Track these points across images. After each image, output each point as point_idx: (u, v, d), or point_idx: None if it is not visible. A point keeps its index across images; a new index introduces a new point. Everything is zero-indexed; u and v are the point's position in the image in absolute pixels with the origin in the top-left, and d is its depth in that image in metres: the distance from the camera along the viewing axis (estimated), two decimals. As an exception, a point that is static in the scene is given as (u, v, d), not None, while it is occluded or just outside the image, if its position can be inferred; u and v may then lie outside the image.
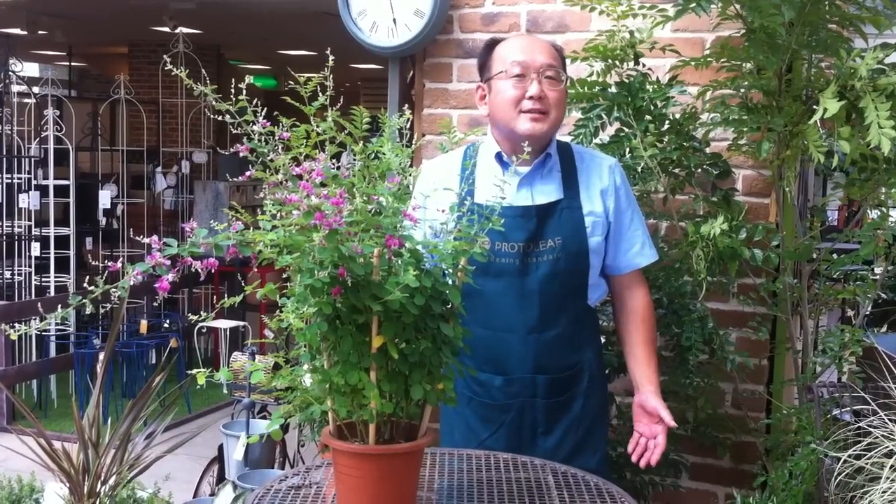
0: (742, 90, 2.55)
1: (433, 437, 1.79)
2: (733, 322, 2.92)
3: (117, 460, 2.72)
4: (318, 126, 1.85)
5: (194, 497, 3.64)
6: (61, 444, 2.58)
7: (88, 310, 1.54)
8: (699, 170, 2.66)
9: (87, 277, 1.72)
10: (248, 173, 1.72)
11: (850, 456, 2.09)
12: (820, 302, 2.84)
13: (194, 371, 1.81)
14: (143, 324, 6.41)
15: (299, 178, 1.58)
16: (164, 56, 1.69)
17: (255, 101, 1.69)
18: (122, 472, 2.71)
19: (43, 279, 6.51)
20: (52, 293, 6.38)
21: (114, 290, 1.54)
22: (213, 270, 1.56)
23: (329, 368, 1.71)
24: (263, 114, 1.68)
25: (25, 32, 8.98)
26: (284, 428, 3.96)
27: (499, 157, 2.29)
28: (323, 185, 1.62)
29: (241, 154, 1.72)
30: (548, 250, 2.22)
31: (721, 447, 2.87)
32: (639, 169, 2.64)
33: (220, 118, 1.76)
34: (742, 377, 2.84)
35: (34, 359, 6.38)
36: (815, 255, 2.73)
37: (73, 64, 11.97)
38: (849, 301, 3.71)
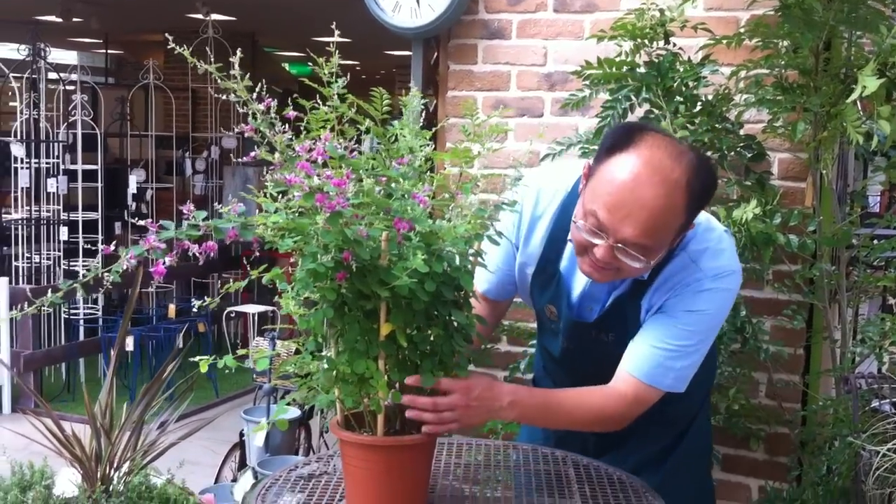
0: (777, 69, 2.44)
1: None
2: (767, 310, 2.81)
3: (131, 446, 2.68)
4: (335, 109, 1.76)
5: (216, 482, 3.60)
6: (71, 429, 2.54)
7: (79, 294, 1.48)
8: (732, 153, 2.55)
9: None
10: (252, 154, 1.64)
11: (889, 450, 1.98)
12: (859, 290, 2.72)
13: (198, 358, 1.74)
14: (172, 308, 6.39)
15: (300, 158, 1.49)
16: (181, 45, 1.61)
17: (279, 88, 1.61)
18: (136, 458, 2.67)
19: (71, 263, 6.51)
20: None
21: (107, 274, 1.48)
22: (211, 254, 1.49)
23: (335, 357, 1.63)
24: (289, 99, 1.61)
25: (61, 20, 9.00)
26: (308, 413, 3.91)
27: None
28: (326, 165, 1.54)
29: (246, 135, 1.64)
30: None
31: (754, 439, 2.77)
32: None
33: (224, 97, 1.68)
34: (776, 367, 2.74)
35: (62, 342, 6.39)
36: (854, 241, 2.61)
37: (109, 52, 11.99)
38: (889, 289, 3.57)
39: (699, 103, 2.53)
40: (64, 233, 6.36)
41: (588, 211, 1.69)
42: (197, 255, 1.48)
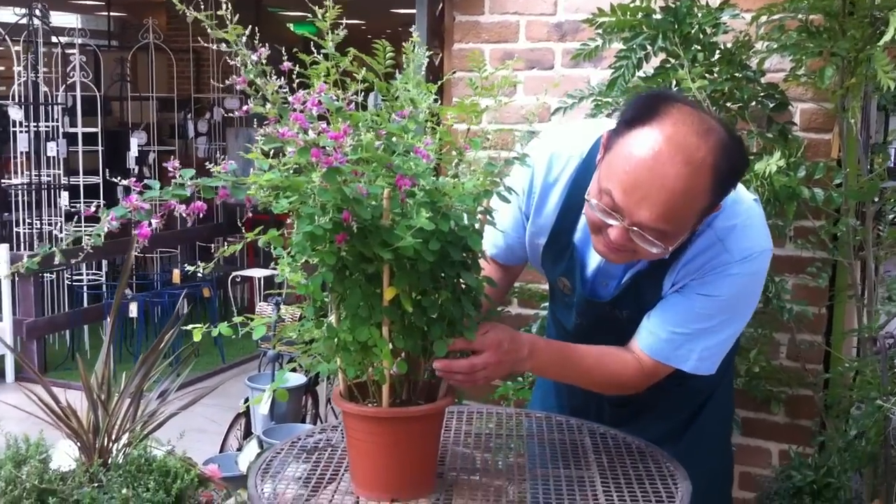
0: (801, 13, 2.30)
1: (454, 397, 1.61)
2: (790, 268, 2.69)
3: (130, 417, 2.59)
4: (333, 59, 1.64)
5: (220, 451, 3.52)
6: (66, 400, 2.45)
7: (57, 258, 1.37)
8: (753, 102, 2.42)
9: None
10: (245, 107, 1.52)
11: (920, 414, 1.88)
12: (884, 246, 2.60)
13: (191, 327, 1.64)
14: (176, 273, 6.30)
15: (293, 109, 1.38)
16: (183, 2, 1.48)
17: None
18: (135, 429, 2.58)
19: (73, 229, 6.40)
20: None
21: (88, 237, 1.37)
22: (200, 214, 1.38)
23: (336, 324, 1.53)
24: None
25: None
26: (314, 380, 3.83)
27: None
28: (323, 119, 1.42)
29: (239, 87, 1.52)
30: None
31: (775, 402, 2.67)
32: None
33: (220, 47, 1.56)
34: (800, 327, 2.63)
35: (66, 310, 6.31)
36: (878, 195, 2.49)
37: (111, 14, 11.79)
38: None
39: (718, 51, 2.40)
40: (65, 198, 6.26)
41: (603, 189, 1.53)
42: (184, 216, 1.37)
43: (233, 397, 4.56)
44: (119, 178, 1.49)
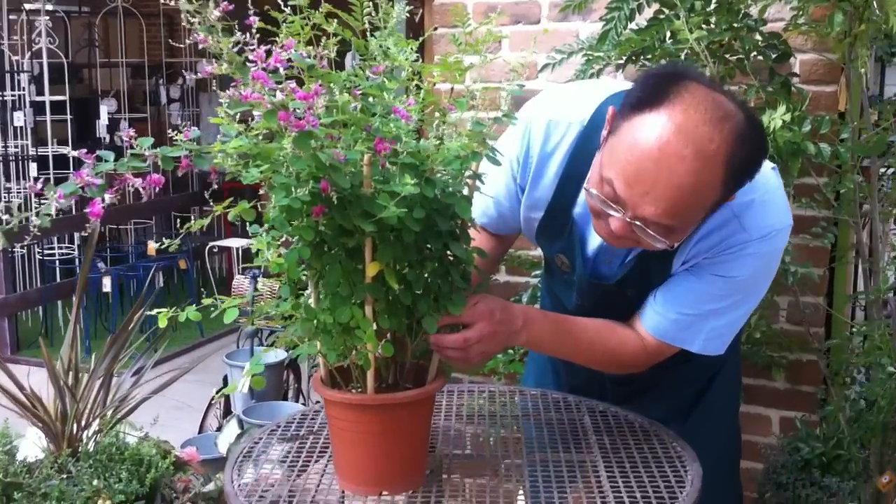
0: (806, -44, 2.16)
1: (445, 379, 1.48)
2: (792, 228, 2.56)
3: (100, 403, 2.45)
4: (303, 11, 1.49)
5: (200, 432, 3.39)
6: (30, 387, 2.31)
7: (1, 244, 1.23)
8: (754, 53, 2.28)
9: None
10: (207, 69, 1.37)
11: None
12: (889, 202, 2.47)
13: (156, 311, 1.50)
14: (151, 245, 6.13)
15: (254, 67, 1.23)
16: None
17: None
18: (106, 414, 2.44)
19: (42, 201, 6.21)
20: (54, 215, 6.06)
21: (35, 218, 1.23)
22: (157, 188, 1.24)
23: (315, 305, 1.39)
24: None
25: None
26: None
27: None
28: (295, 80, 1.28)
29: (201, 46, 1.37)
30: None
31: (776, 368, 2.56)
32: (682, 56, 2.26)
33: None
34: (803, 290, 2.51)
35: (38, 285, 6.13)
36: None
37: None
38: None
39: (716, -1, 2.26)
40: (33, 169, 6.05)
41: (604, 178, 1.38)
42: (141, 190, 1.23)
43: (212, 372, 4.43)
44: (85, 150, 1.33)
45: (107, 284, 5.49)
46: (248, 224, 1.42)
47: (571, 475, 1.51)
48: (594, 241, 1.61)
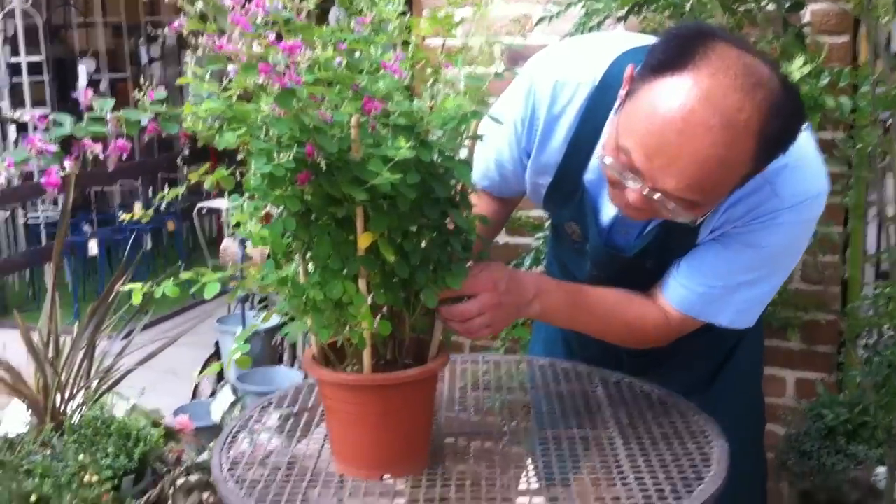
0: None
1: (448, 356, 1.37)
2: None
3: (84, 374, 2.35)
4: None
5: (193, 398, 3.30)
6: (7, 363, 2.20)
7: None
8: (765, 2, 2.13)
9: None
10: (176, 23, 1.23)
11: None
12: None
13: (127, 287, 1.37)
14: (138, 206, 5.97)
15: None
16: None
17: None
18: (90, 386, 2.34)
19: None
20: (35, 178, 5.90)
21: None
22: (124, 156, 1.12)
23: (303, 280, 1.28)
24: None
25: None
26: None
27: None
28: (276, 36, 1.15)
29: (179, 3, 1.24)
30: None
31: (792, 328, 2.45)
32: (688, 6, 2.12)
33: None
34: (823, 249, 2.39)
35: (23, 248, 6.00)
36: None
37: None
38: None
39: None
40: (12, 131, 5.88)
41: (621, 147, 1.24)
42: (102, 157, 1.10)
43: (206, 334, 4.31)
44: (39, 114, 1.20)
45: (93, 248, 5.35)
46: (228, 194, 1.30)
47: (587, 452, 1.41)
48: (609, 209, 1.48)
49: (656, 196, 1.23)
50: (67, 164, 1.11)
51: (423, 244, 1.26)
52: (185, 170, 1.35)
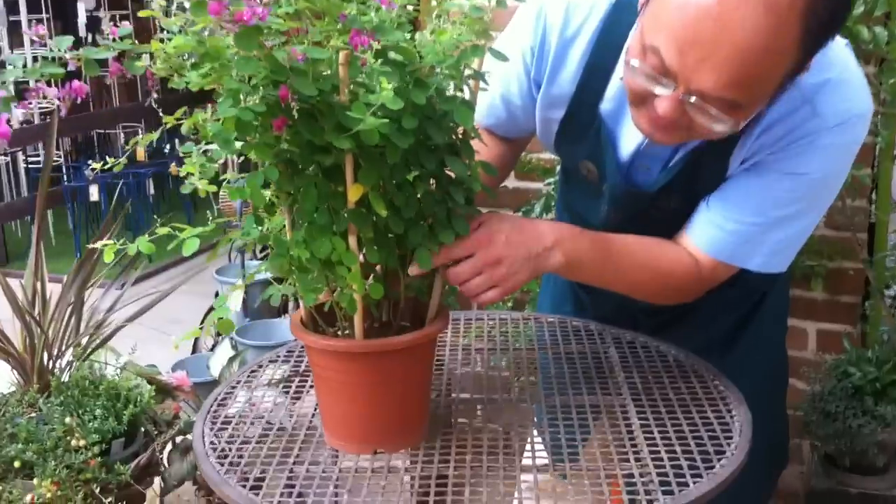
0: None
1: (448, 319, 1.25)
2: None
3: (72, 331, 2.24)
4: None
5: (193, 352, 3.20)
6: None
7: None
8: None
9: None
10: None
11: None
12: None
13: (101, 244, 1.25)
14: (140, 150, 5.85)
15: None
16: None
17: None
18: (80, 343, 2.24)
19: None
20: (36, 120, 5.77)
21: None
22: (79, 99, 1.00)
23: (288, 236, 1.16)
24: None
25: None
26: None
27: None
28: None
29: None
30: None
31: (816, 278, 2.33)
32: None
33: None
34: (852, 195, 2.25)
35: (24, 194, 5.90)
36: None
37: None
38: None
39: None
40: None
41: (648, 46, 1.11)
42: (57, 101, 0.98)
43: (207, 283, 4.22)
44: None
45: (94, 193, 5.23)
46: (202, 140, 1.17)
47: (598, 421, 1.30)
48: (628, 142, 1.34)
49: (692, 100, 1.10)
50: (20, 110, 0.99)
51: (418, 196, 1.14)
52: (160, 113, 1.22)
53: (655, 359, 1.46)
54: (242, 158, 1.13)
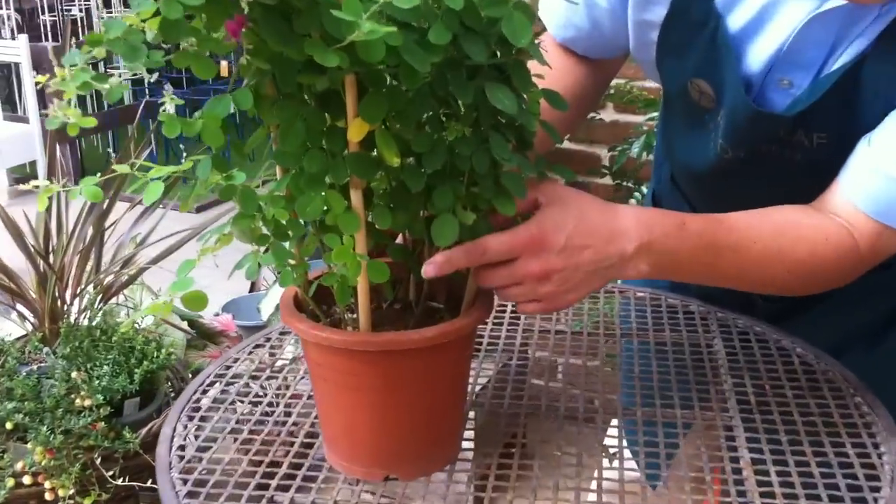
0: None
1: (490, 305, 0.90)
2: None
3: (93, 269, 1.98)
4: None
5: (251, 291, 2.93)
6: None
7: None
8: None
9: None
10: None
11: None
12: None
13: (83, 184, 0.94)
14: (224, 64, 5.57)
15: None
16: None
17: None
18: (100, 283, 1.98)
19: (106, 13, 5.71)
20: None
21: None
22: None
23: (268, 191, 0.83)
24: None
25: None
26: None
27: None
28: None
29: None
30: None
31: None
32: None
33: None
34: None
35: (104, 109, 5.70)
36: None
37: None
38: None
39: None
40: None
41: None
42: None
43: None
44: None
45: (170, 109, 4.98)
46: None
47: (692, 446, 0.96)
48: (761, 47, 0.95)
49: None
50: None
51: (450, 141, 0.80)
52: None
53: (775, 358, 1.10)
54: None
